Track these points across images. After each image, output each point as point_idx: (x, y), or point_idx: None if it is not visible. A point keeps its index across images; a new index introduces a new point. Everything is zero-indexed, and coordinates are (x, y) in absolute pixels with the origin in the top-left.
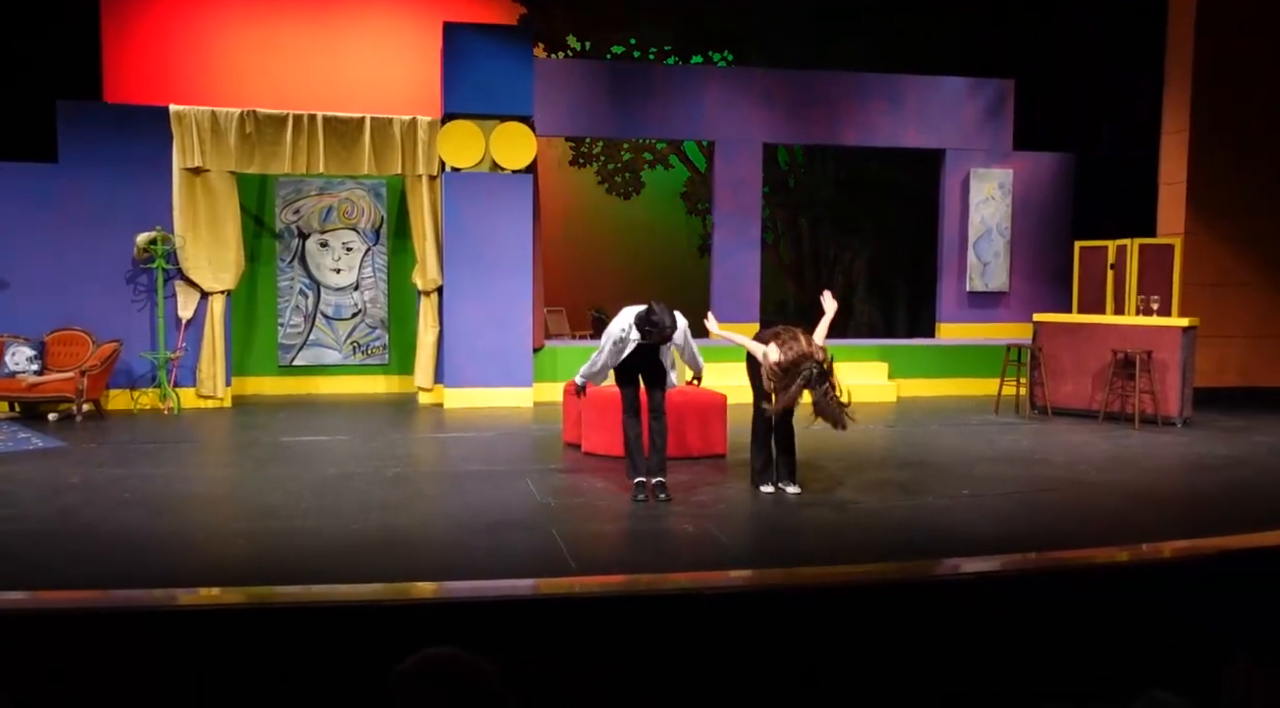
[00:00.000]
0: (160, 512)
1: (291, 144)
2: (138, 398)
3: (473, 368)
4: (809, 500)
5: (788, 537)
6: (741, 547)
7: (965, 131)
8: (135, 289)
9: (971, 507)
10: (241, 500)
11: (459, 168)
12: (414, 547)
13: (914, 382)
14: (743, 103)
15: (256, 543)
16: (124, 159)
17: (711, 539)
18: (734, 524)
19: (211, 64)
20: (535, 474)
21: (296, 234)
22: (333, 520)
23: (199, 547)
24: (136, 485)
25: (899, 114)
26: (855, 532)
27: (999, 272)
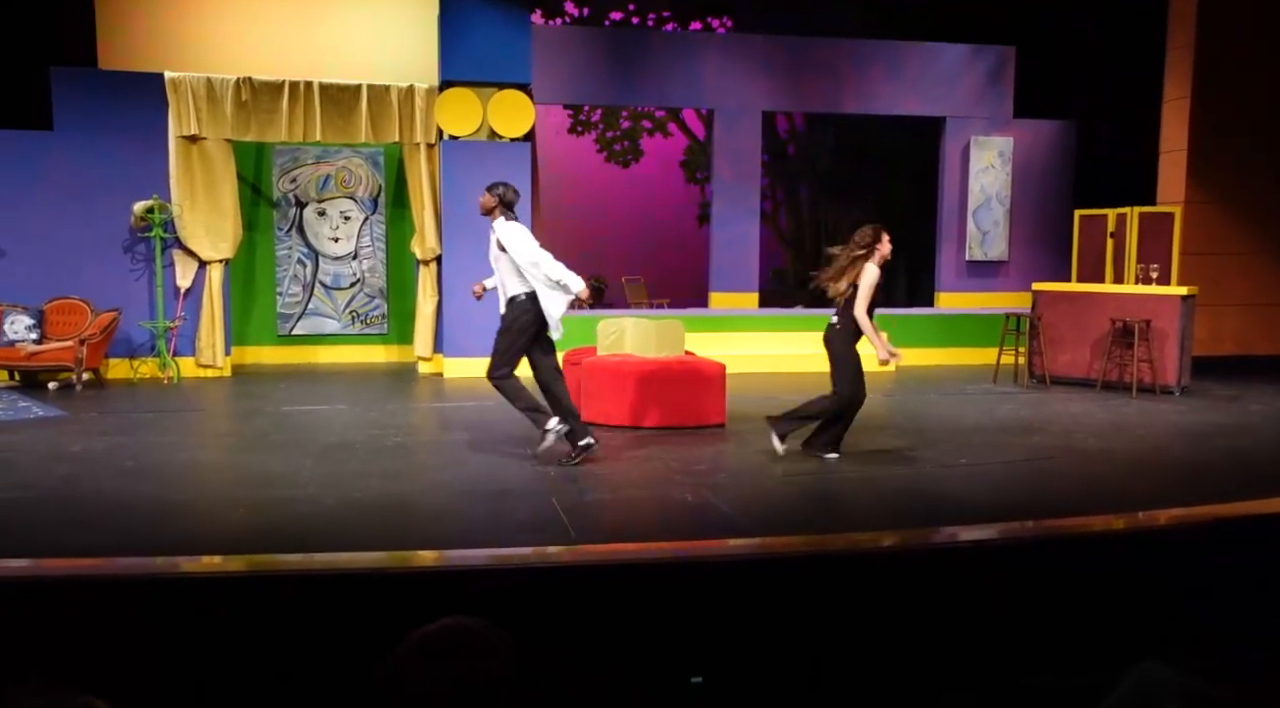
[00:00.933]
0: (161, 480)
1: (288, 112)
2: (137, 367)
3: (472, 337)
4: (808, 469)
5: (786, 506)
6: (741, 516)
7: (965, 99)
8: (133, 258)
9: (969, 475)
10: (242, 469)
11: (457, 136)
12: (415, 515)
13: (912, 351)
14: (742, 70)
15: (258, 511)
16: (120, 127)
17: (711, 508)
18: (733, 494)
19: (207, 30)
20: (535, 443)
21: (294, 203)
22: (333, 489)
23: (200, 515)
24: (137, 454)
25: (899, 82)
26: (853, 500)
27: (998, 241)
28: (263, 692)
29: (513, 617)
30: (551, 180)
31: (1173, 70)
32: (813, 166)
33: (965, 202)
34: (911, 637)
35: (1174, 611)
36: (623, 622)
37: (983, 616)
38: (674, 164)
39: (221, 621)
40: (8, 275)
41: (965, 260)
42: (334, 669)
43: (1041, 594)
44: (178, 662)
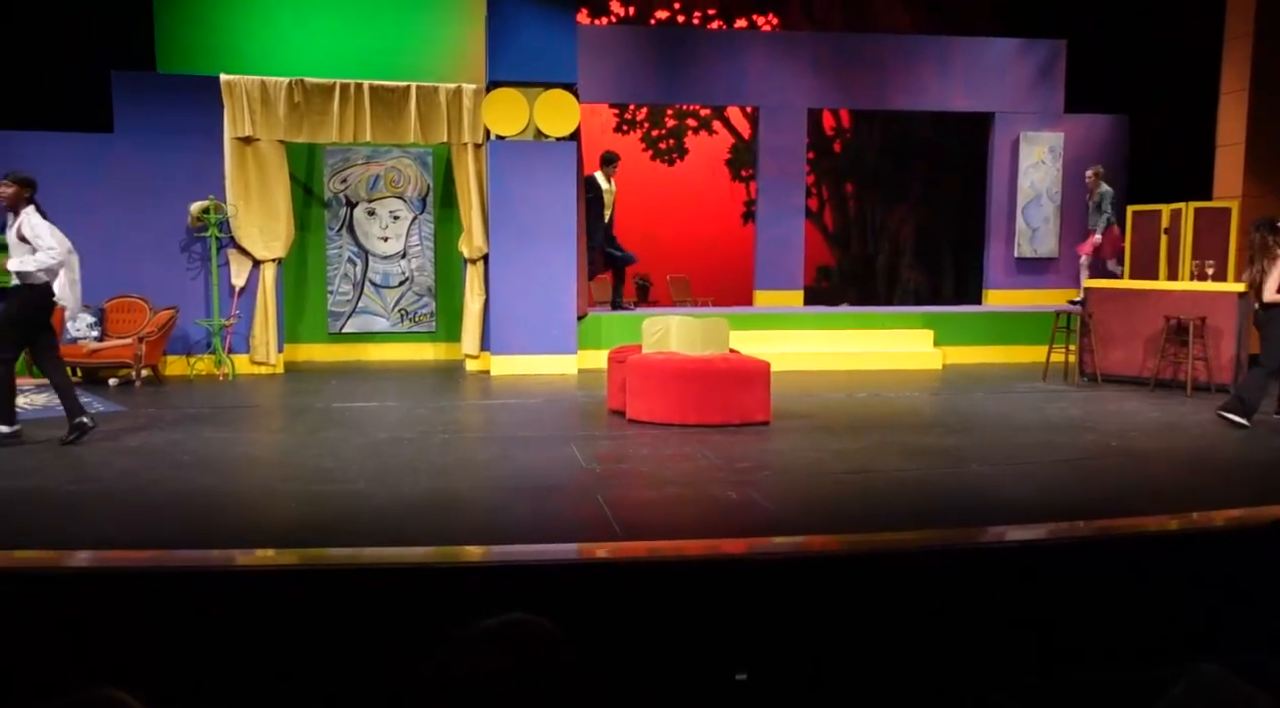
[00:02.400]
0: (217, 474)
1: (339, 113)
2: (194, 364)
3: (518, 335)
4: (852, 468)
5: (831, 504)
6: (785, 514)
7: (1015, 94)
8: (190, 257)
9: (1018, 474)
10: (294, 465)
11: (503, 136)
12: (462, 511)
13: (960, 349)
14: (787, 68)
15: (309, 506)
16: (177, 129)
17: (756, 506)
18: (778, 491)
19: (261, 33)
20: (580, 440)
21: (344, 203)
22: (382, 485)
23: (253, 509)
24: (193, 449)
25: (947, 77)
26: (899, 499)
27: (1048, 237)
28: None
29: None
30: None
31: (1230, 61)
32: (859, 164)
33: (1014, 198)
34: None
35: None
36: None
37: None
38: (719, 162)
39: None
40: None
41: (1014, 257)
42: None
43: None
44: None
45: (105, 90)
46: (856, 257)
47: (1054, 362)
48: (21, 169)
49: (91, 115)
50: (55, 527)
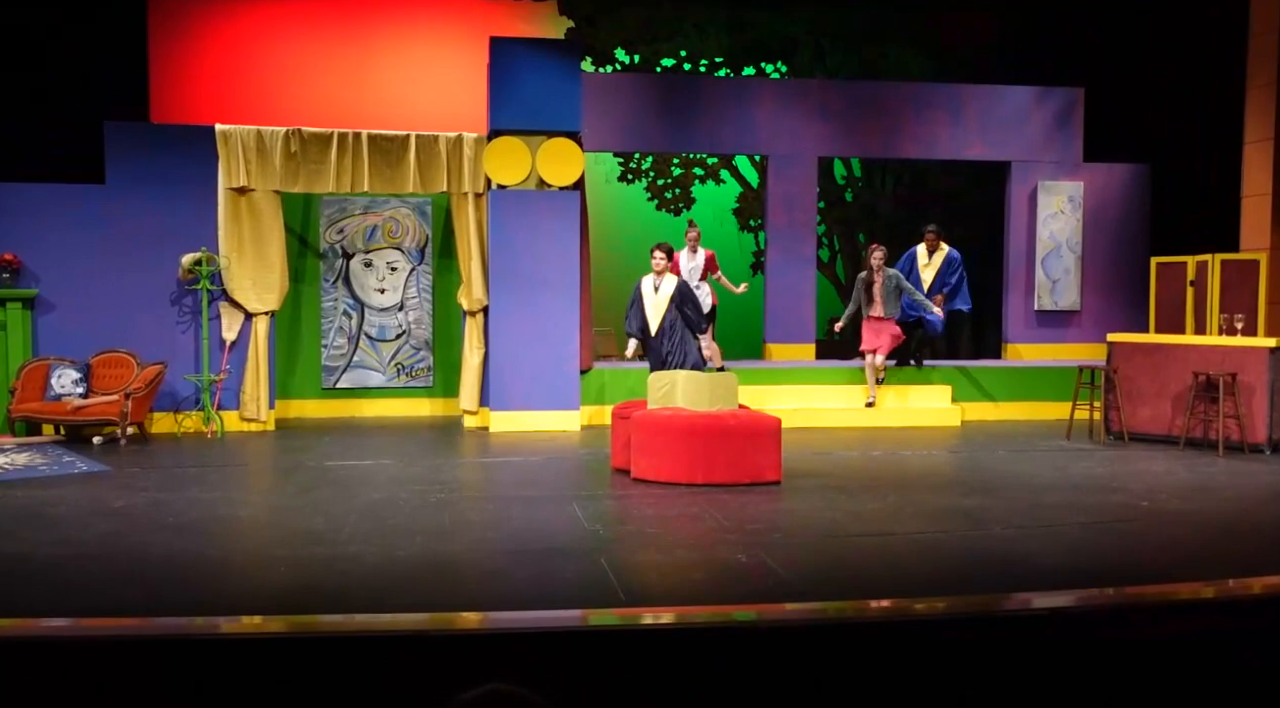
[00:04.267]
0: (203, 537)
1: (336, 163)
2: (181, 421)
3: (519, 390)
4: (868, 530)
5: (846, 569)
6: (797, 579)
7: (1032, 143)
8: (180, 310)
9: (1042, 537)
10: (284, 526)
11: (505, 185)
12: (459, 575)
13: (979, 405)
14: (796, 115)
15: (299, 569)
16: (170, 180)
17: (766, 571)
18: (789, 555)
19: (258, 83)
20: (583, 500)
21: (340, 254)
22: (376, 547)
23: (241, 573)
24: (179, 510)
25: (961, 125)
26: (917, 563)
27: (1069, 289)
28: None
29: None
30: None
31: (1253, 110)
32: (871, 214)
33: (1033, 249)
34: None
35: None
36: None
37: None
38: (727, 212)
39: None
40: (56, 328)
41: (1034, 310)
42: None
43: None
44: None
45: (97, 141)
46: None
47: (1078, 419)
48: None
49: (83, 166)
50: (33, 593)
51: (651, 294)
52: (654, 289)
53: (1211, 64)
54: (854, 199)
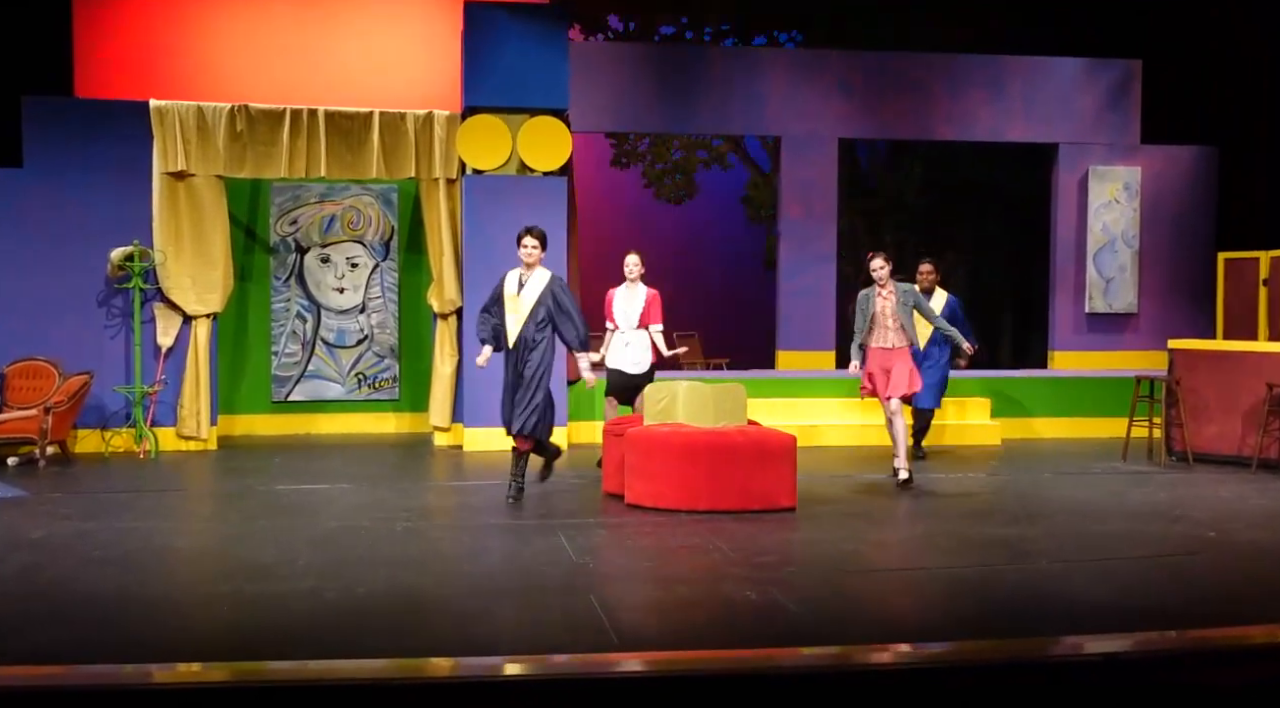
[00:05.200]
0: (134, 572)
1: (288, 144)
2: (110, 439)
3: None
4: (895, 564)
5: (870, 607)
6: (814, 618)
7: (1083, 122)
8: (109, 313)
9: (1095, 573)
10: (228, 559)
11: (481, 170)
12: (429, 614)
13: (1022, 422)
14: (814, 92)
15: (245, 609)
16: (98, 163)
17: (779, 609)
18: (805, 592)
19: (198, 52)
20: (570, 529)
21: (294, 248)
22: (334, 583)
23: (178, 613)
24: (107, 541)
25: (1002, 103)
26: (952, 602)
27: (1125, 289)
28: None
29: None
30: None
31: None
32: (899, 204)
33: (1084, 243)
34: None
35: None
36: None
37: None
38: (734, 201)
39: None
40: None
41: (1085, 313)
42: None
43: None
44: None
45: (14, 118)
46: None
47: (1135, 438)
48: None
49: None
50: None
51: (514, 293)
52: (518, 287)
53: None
54: (879, 188)
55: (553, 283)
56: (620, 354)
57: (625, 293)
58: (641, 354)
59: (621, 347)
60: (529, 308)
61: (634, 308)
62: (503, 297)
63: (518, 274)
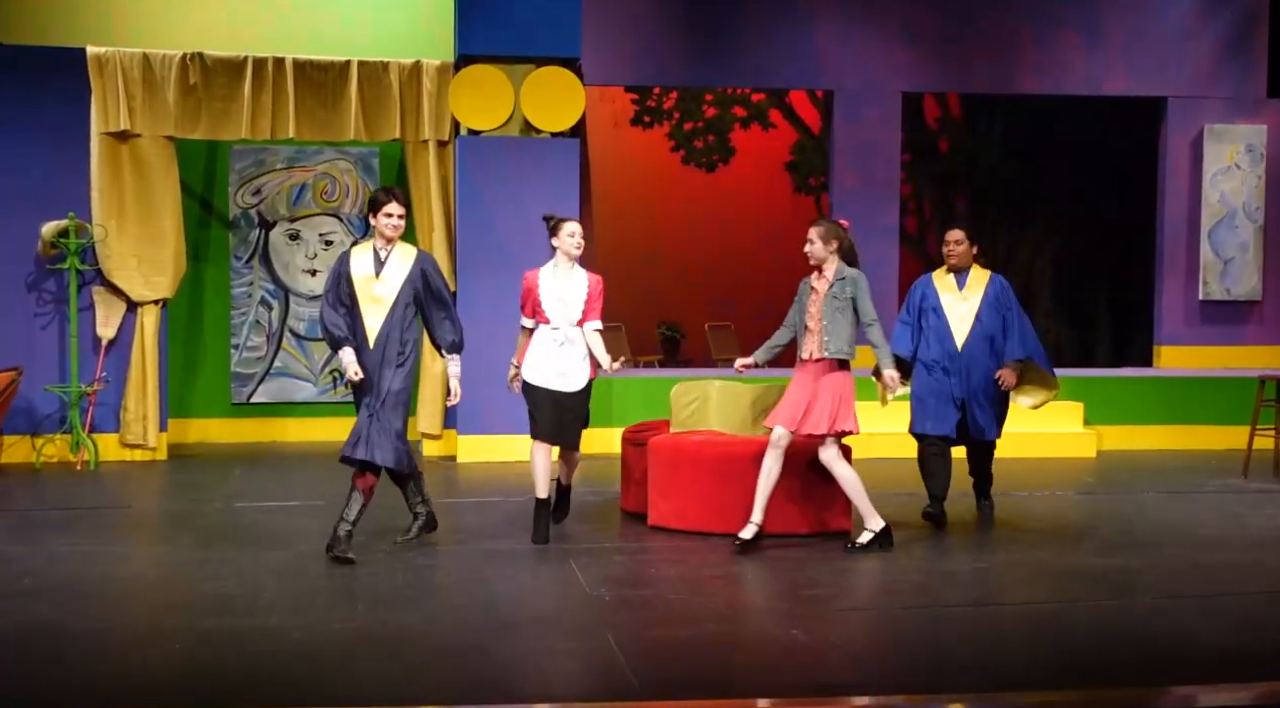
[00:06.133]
0: (71, 604)
1: (251, 99)
2: (41, 447)
3: (496, 408)
4: (968, 598)
5: (937, 650)
6: (870, 663)
7: (1196, 73)
8: (39, 299)
9: (1210, 610)
10: (180, 589)
11: (478, 130)
12: (418, 654)
13: (1122, 430)
14: (873, 38)
15: (200, 648)
16: (26, 122)
17: (828, 651)
18: (862, 632)
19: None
20: (583, 555)
21: (257, 223)
22: (306, 618)
23: (122, 653)
24: (38, 568)
25: (1099, 50)
26: (1033, 644)
27: (1247, 272)
28: None
29: None
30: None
31: None
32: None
33: (1197, 217)
34: None
35: None
36: None
37: None
38: (778, 166)
39: None
40: None
41: (1198, 300)
42: None
43: None
44: None
45: None
46: None
47: (1259, 449)
48: None
49: None
50: None
51: (369, 274)
52: (375, 266)
53: None
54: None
55: (422, 262)
56: (551, 361)
57: (558, 275)
58: (579, 363)
59: (554, 348)
60: (392, 296)
61: (574, 296)
62: (351, 279)
63: (370, 249)
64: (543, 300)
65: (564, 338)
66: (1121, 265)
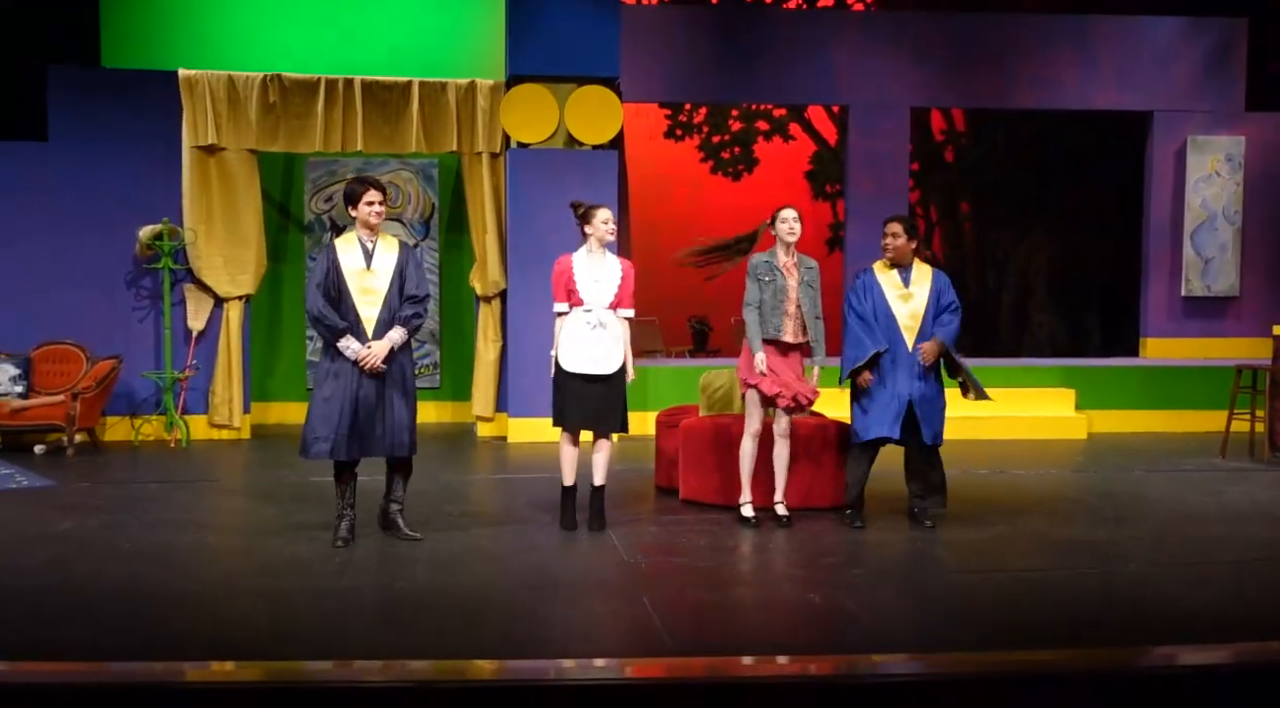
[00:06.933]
0: (165, 567)
1: (324, 116)
2: (139, 427)
3: (543, 393)
4: (974, 565)
5: (944, 612)
6: (884, 625)
7: (1180, 88)
8: (137, 295)
9: (1192, 578)
10: (262, 554)
11: (527, 143)
12: (473, 613)
13: (1111, 414)
14: (885, 56)
15: (279, 606)
16: (126, 136)
17: (845, 614)
18: (874, 596)
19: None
20: (621, 526)
21: (329, 226)
22: (373, 579)
23: (210, 610)
24: (137, 534)
25: (1092, 67)
26: (1031, 608)
27: (1226, 270)
28: None
29: None
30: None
31: None
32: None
33: (1180, 220)
34: None
35: None
36: None
37: None
38: (798, 175)
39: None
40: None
41: (1181, 296)
42: None
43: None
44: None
45: (39, 89)
46: (974, 295)
47: (1236, 432)
48: None
49: (22, 120)
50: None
51: (360, 267)
52: (364, 259)
53: None
54: (956, 160)
55: (405, 252)
56: (586, 345)
57: (592, 260)
58: (613, 346)
59: (588, 330)
60: (385, 287)
61: (609, 278)
62: (341, 271)
63: (355, 239)
64: (578, 281)
65: (598, 320)
66: (1111, 264)
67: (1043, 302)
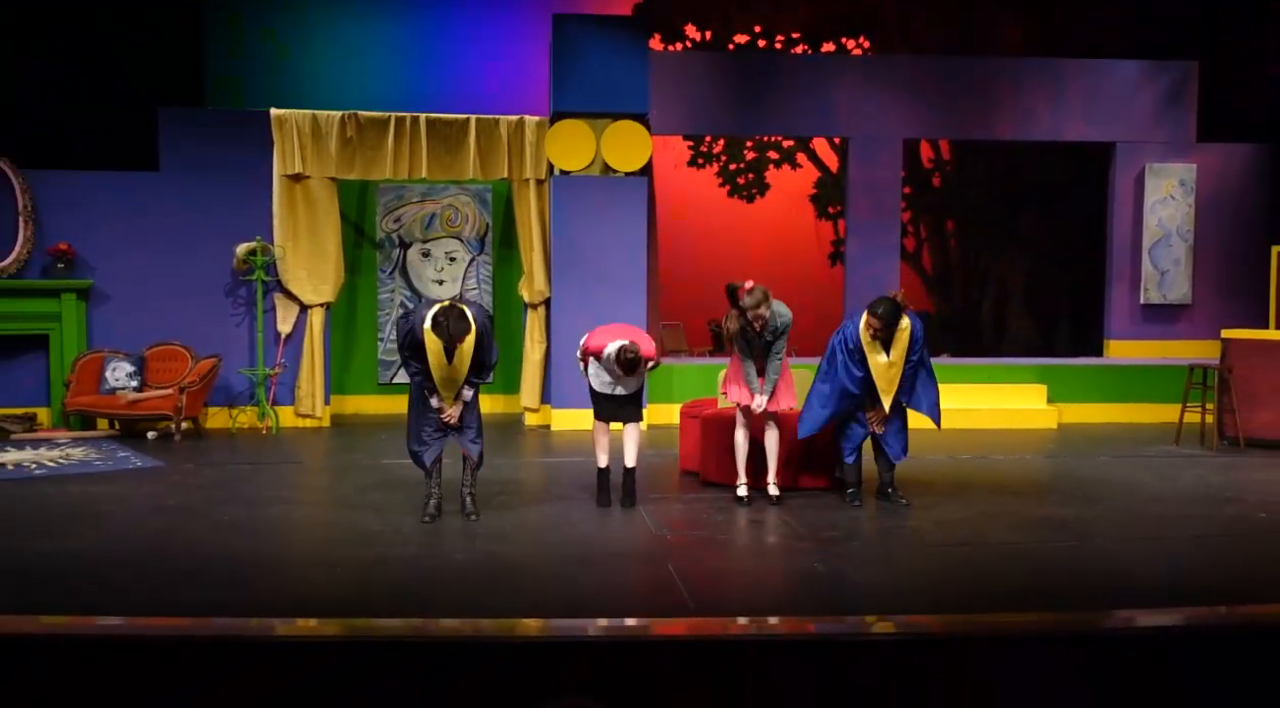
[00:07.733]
0: (256, 537)
1: (393, 148)
2: (236, 416)
3: (582, 387)
4: (954, 540)
5: (932, 580)
6: (879, 590)
7: (1140, 122)
8: (234, 302)
9: (1147, 551)
10: (339, 526)
11: (568, 171)
12: (520, 579)
13: (1078, 407)
14: (881, 94)
15: (354, 572)
16: (224, 166)
17: (845, 581)
18: (870, 564)
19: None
20: (650, 504)
21: (398, 243)
22: (434, 550)
23: (295, 575)
24: (233, 509)
25: (1062, 103)
26: (1010, 576)
27: (1179, 281)
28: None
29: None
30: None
31: None
32: (961, 200)
33: (1139, 237)
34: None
35: None
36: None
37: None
38: (803, 198)
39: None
40: (111, 320)
41: (1140, 304)
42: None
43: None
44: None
45: (151, 128)
46: (959, 303)
47: (1188, 423)
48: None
49: (137, 154)
50: (85, 591)
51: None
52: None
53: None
54: (943, 185)
55: (481, 330)
56: (608, 386)
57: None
58: (633, 380)
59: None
60: (462, 377)
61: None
62: (424, 350)
63: (438, 332)
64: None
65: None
66: (1079, 277)
67: (1019, 309)
